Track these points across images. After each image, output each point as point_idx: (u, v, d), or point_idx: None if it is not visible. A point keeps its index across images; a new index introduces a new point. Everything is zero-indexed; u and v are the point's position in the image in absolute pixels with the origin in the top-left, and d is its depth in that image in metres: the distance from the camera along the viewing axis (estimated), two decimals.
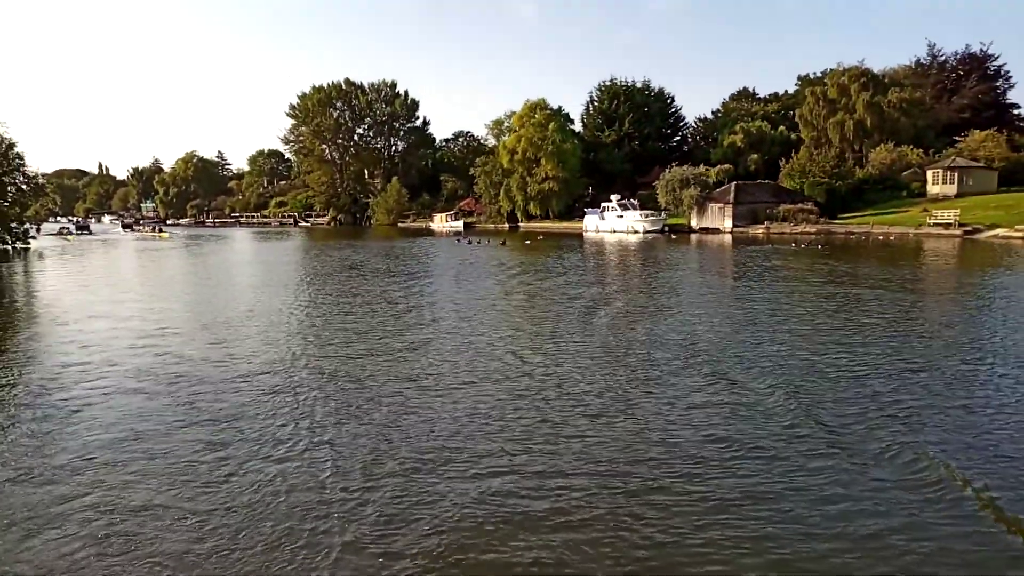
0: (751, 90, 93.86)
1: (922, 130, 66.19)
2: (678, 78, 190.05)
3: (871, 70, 68.92)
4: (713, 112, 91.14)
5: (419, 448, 8.45)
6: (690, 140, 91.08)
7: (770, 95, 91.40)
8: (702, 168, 65.60)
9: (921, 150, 61.51)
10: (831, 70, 71.72)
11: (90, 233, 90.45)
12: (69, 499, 7.23)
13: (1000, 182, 55.43)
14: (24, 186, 51.60)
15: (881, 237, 43.25)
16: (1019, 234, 37.91)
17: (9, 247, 48.52)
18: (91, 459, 8.32)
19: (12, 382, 12.20)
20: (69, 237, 76.97)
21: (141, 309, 20.89)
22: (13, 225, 49.52)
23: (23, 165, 50.54)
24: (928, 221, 44.78)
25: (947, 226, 43.11)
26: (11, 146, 47.22)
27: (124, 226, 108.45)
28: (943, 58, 77.94)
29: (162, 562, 5.91)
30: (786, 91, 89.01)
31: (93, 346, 14.95)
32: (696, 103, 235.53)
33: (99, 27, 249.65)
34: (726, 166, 71.43)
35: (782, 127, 77.70)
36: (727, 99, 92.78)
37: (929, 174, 56.81)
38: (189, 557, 5.98)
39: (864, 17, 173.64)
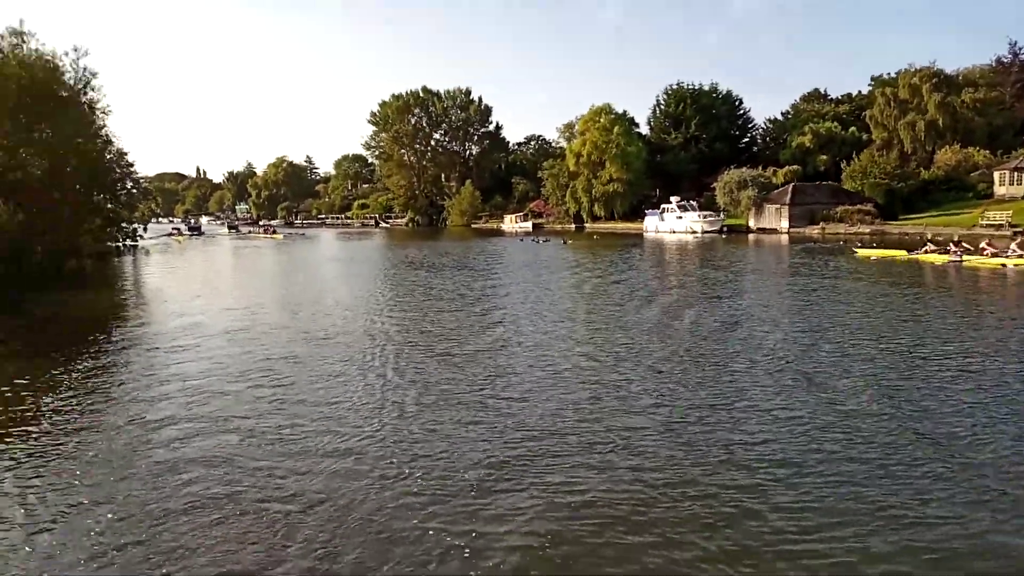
0: (823, 91, 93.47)
1: (998, 130, 65.00)
2: (751, 79, 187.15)
3: (944, 71, 68.18)
4: (783, 113, 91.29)
5: (503, 442, 8.79)
6: (759, 141, 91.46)
7: (843, 96, 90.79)
8: (760, 170, 66.72)
9: (988, 151, 60.69)
10: (904, 70, 71.19)
11: (201, 234, 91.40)
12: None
13: None
14: (133, 190, 57.03)
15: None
16: None
17: (121, 244, 53.75)
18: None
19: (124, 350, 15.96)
20: (180, 238, 78.32)
21: (245, 296, 25.30)
22: (123, 225, 54.68)
23: (133, 171, 56.19)
24: (980, 222, 45.13)
25: (998, 227, 43.44)
26: (123, 154, 52.34)
27: (230, 227, 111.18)
28: None
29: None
30: (859, 92, 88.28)
31: (207, 323, 19.15)
32: (768, 104, 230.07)
33: (197, 40, 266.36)
34: (794, 167, 72.01)
35: (853, 128, 77.41)
36: (798, 100, 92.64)
37: (996, 175, 56.20)
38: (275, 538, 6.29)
39: (946, 16, 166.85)
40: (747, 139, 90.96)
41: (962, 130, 64.20)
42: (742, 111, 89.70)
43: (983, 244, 29.88)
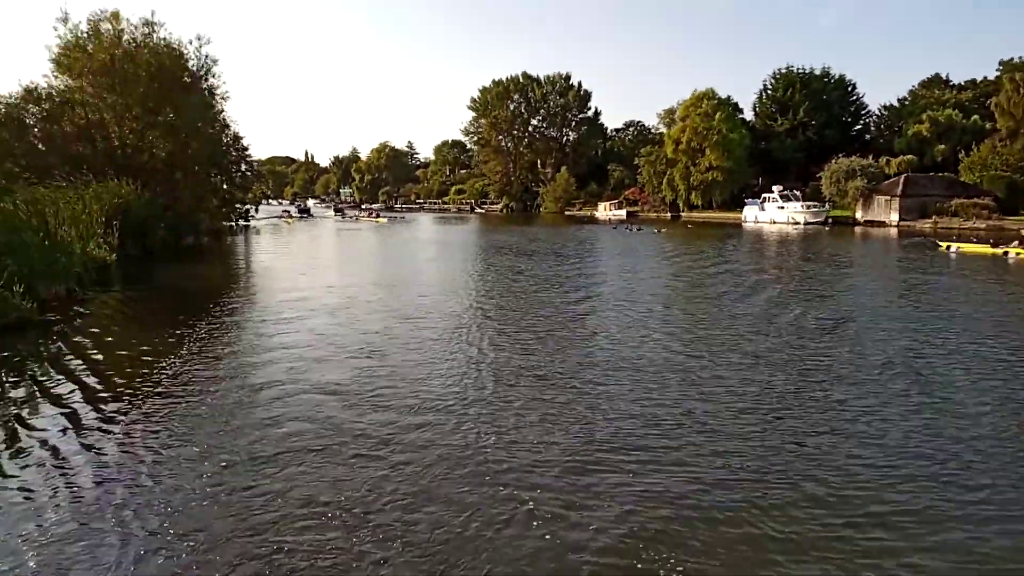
0: (944, 76, 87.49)
1: None
2: (866, 63, 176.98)
3: None
4: (899, 99, 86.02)
5: (588, 432, 8.68)
6: (872, 129, 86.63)
7: (966, 82, 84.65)
8: (871, 159, 63.21)
9: None
10: None
11: (310, 216, 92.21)
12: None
13: None
14: (248, 172, 60.29)
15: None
16: None
17: (234, 224, 57.01)
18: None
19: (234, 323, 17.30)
20: (290, 220, 79.17)
21: (347, 275, 26.83)
22: (237, 206, 57.87)
23: (247, 154, 59.39)
24: None
25: None
26: (238, 138, 55.28)
27: (336, 210, 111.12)
28: None
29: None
30: (984, 77, 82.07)
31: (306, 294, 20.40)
32: (884, 90, 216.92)
33: (309, 29, 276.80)
34: (909, 157, 67.95)
35: (976, 117, 72.11)
36: (916, 86, 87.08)
37: None
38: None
39: None
40: (859, 126, 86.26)
41: None
42: (855, 97, 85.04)
43: None
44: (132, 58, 39.04)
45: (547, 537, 6.12)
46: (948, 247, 34.12)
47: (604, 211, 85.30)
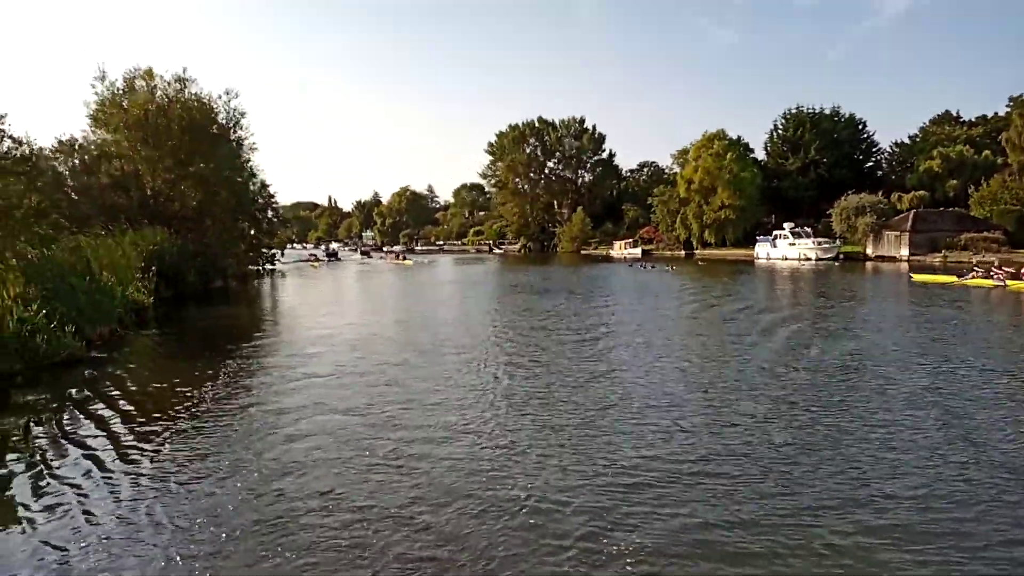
0: (955, 113, 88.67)
1: None
2: (876, 101, 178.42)
3: None
4: (910, 136, 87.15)
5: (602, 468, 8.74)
6: (884, 166, 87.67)
7: (977, 118, 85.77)
8: (881, 196, 64.24)
9: None
10: None
11: (337, 260, 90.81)
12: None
13: None
14: (274, 219, 62.37)
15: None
16: None
17: (261, 268, 58.79)
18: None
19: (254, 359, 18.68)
20: (316, 263, 77.80)
21: (368, 313, 28.50)
22: (263, 251, 59.76)
23: (274, 201, 61.62)
24: None
25: None
26: (265, 185, 57.55)
27: (362, 253, 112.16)
28: None
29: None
30: (995, 113, 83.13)
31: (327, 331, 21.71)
32: (895, 127, 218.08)
33: (334, 81, 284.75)
34: (920, 193, 68.88)
35: (987, 152, 72.96)
36: (927, 123, 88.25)
37: None
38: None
39: None
40: (871, 163, 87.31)
41: None
42: (865, 135, 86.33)
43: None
44: (165, 112, 41.33)
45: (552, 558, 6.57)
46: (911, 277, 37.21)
47: (619, 250, 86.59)
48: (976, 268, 34.93)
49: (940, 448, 9.45)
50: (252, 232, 54.37)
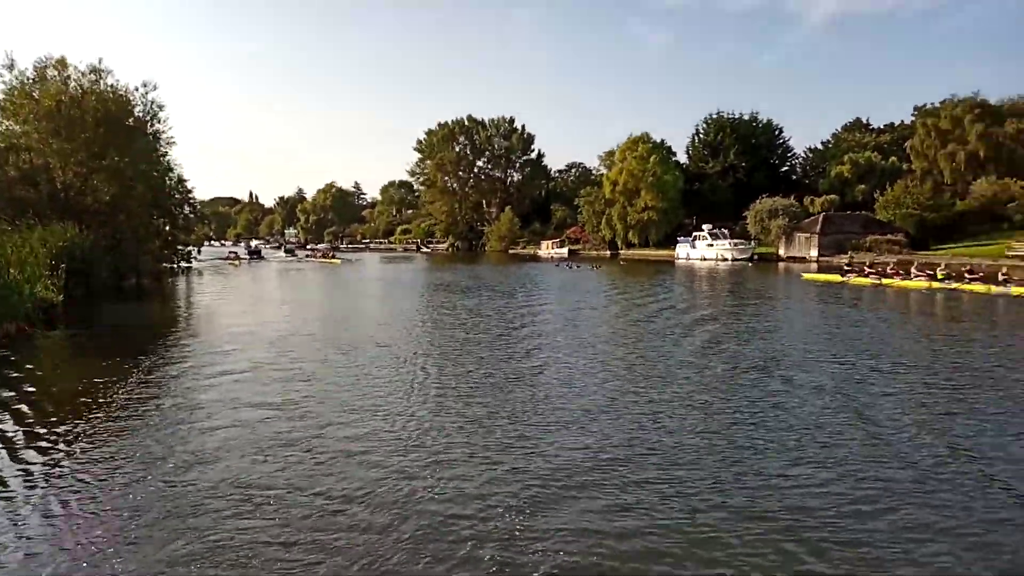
0: (865, 120, 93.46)
1: None
2: (797, 108, 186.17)
3: (987, 101, 67.77)
4: (823, 142, 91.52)
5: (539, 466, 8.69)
6: (798, 170, 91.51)
7: (885, 126, 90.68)
8: (793, 199, 67.09)
9: None
10: (946, 101, 70.68)
11: (260, 259, 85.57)
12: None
13: None
14: (191, 214, 60.02)
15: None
16: None
17: (176, 266, 56.55)
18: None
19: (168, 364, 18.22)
20: (236, 263, 73.19)
21: (290, 312, 28.04)
22: (180, 248, 57.50)
23: (191, 197, 59.27)
24: (1006, 252, 44.87)
25: (1022, 257, 43.15)
26: (182, 180, 55.41)
27: (286, 251, 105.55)
28: None
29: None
30: (902, 121, 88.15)
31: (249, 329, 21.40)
32: (812, 133, 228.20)
33: (255, 73, 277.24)
34: (832, 196, 72.37)
35: (893, 158, 77.15)
36: (839, 130, 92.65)
37: None
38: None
39: (992, 45, 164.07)
40: (786, 168, 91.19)
41: (1005, 161, 63.55)
42: (782, 140, 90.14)
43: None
44: (78, 103, 39.53)
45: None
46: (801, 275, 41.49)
47: (546, 249, 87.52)
48: (849, 268, 39.38)
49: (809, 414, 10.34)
50: (168, 228, 52.28)
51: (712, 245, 66.04)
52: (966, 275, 32.34)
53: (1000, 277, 30.36)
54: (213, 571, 6.32)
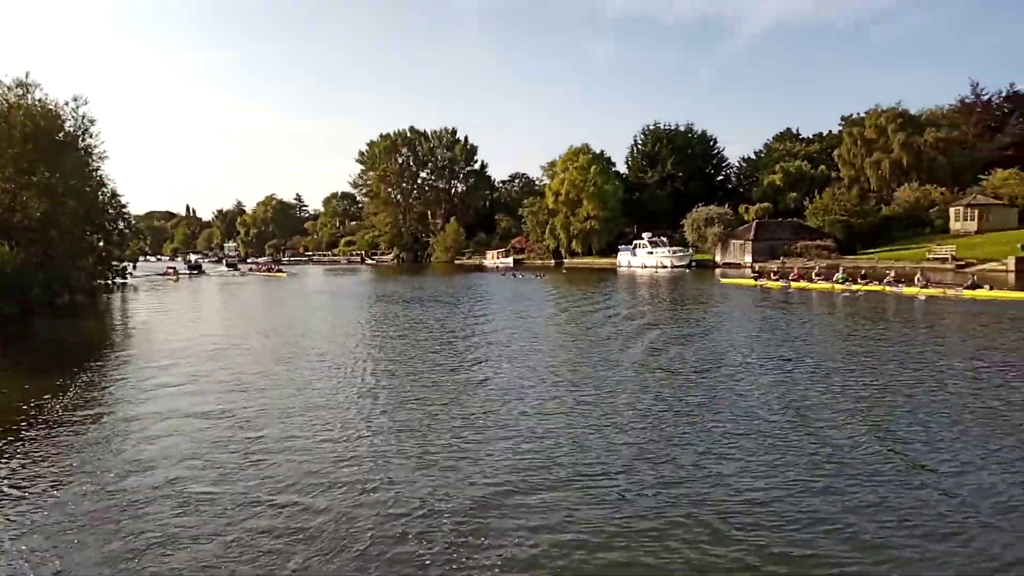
0: (795, 131, 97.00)
1: (960, 168, 67.31)
2: (734, 118, 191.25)
3: (908, 111, 71.22)
4: (756, 152, 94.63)
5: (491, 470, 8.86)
6: (733, 179, 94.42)
7: (814, 135, 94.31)
8: (727, 208, 69.41)
9: (945, 188, 63.18)
10: (871, 111, 73.68)
11: (201, 273, 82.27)
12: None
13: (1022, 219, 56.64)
14: (125, 230, 58.35)
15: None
16: (1004, 267, 40.50)
17: (111, 282, 54.82)
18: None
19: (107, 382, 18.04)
20: (175, 278, 70.53)
21: (230, 326, 28.13)
22: (114, 264, 55.85)
23: (125, 212, 57.65)
24: (927, 255, 47.43)
25: (943, 260, 45.77)
26: (116, 195, 53.89)
27: (228, 264, 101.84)
28: (987, 96, 78.12)
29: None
30: (830, 131, 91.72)
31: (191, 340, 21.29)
32: (745, 142, 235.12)
33: (191, 82, 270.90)
34: (765, 204, 74.95)
35: (823, 167, 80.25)
36: (771, 140, 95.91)
37: (952, 211, 58.79)
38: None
39: (918, 57, 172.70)
40: (722, 177, 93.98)
41: (926, 168, 66.83)
42: (716, 150, 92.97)
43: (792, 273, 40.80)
44: (5, 118, 38.44)
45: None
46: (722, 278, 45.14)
47: (492, 259, 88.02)
48: (756, 272, 43.94)
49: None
50: (102, 244, 50.89)
51: (652, 253, 67.63)
52: (859, 278, 36.04)
53: (916, 280, 32.15)
54: (153, 569, 6.61)
